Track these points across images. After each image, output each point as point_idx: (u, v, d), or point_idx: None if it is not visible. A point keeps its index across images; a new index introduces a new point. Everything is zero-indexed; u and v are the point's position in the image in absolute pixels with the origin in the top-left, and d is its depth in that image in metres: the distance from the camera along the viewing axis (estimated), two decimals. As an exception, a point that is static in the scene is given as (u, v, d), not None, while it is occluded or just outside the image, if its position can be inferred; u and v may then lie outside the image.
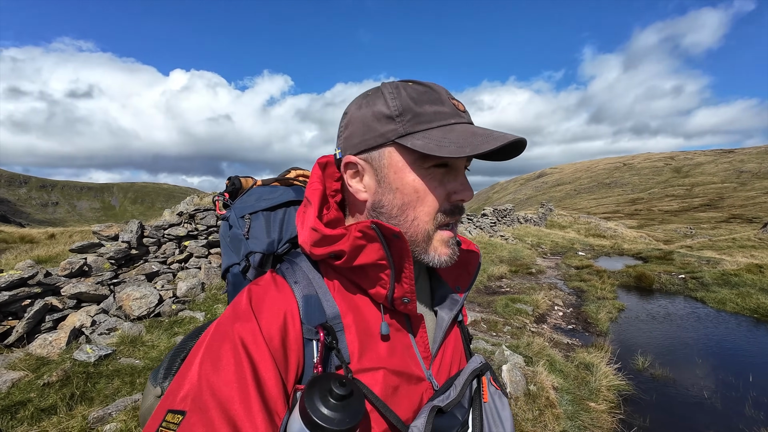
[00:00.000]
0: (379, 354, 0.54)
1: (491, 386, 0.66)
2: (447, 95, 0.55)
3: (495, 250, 10.88)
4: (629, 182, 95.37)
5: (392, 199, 0.55)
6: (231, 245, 0.68)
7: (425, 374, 0.59)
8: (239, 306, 0.51)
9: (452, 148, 0.49)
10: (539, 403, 2.93)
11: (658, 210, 59.48)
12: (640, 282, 8.17)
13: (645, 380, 3.94)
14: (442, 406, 0.56)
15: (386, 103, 0.53)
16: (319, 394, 0.43)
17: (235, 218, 0.68)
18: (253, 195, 0.72)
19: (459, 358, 0.67)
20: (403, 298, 0.56)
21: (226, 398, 0.43)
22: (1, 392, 2.71)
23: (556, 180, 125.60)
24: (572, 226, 23.67)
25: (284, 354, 0.49)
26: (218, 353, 0.46)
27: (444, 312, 0.65)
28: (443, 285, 0.68)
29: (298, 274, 0.57)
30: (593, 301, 6.59)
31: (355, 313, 0.56)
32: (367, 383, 0.52)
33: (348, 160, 0.56)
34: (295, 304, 0.53)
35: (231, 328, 0.48)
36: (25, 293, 3.57)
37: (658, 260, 10.97)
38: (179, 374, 0.47)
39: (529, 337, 4.41)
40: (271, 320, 0.49)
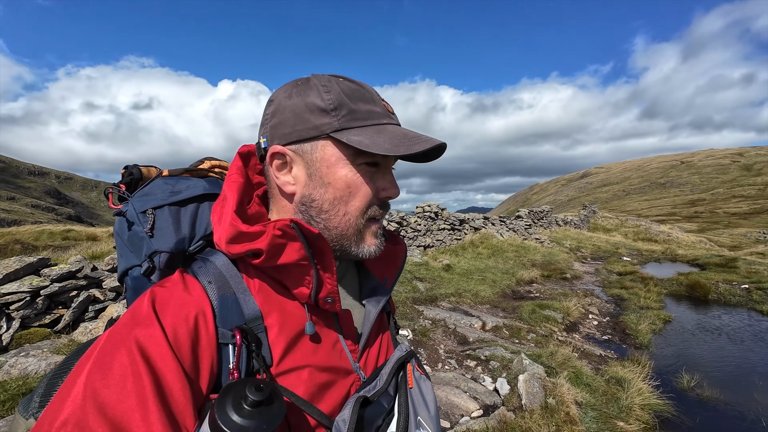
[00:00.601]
0: (304, 352, 0.54)
1: (416, 371, 0.66)
2: (378, 96, 0.57)
3: (527, 254, 10.37)
4: (688, 182, 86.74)
5: (323, 194, 0.54)
6: (129, 244, 0.60)
7: (353, 367, 0.59)
8: (140, 310, 0.46)
9: (387, 146, 0.50)
10: (557, 418, 2.72)
11: (723, 212, 53.48)
12: (693, 291, 7.37)
13: (689, 401, 3.52)
14: (369, 395, 0.56)
15: (320, 96, 0.52)
16: (233, 401, 0.40)
17: (134, 213, 0.60)
18: (157, 187, 0.64)
19: (387, 348, 0.68)
20: (326, 298, 0.55)
21: (120, 417, 0.38)
22: (46, 373, 3.01)
23: (601, 180, 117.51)
24: (618, 230, 21.96)
25: (194, 361, 0.45)
26: (110, 365, 0.41)
27: (371, 305, 0.65)
28: (371, 278, 0.68)
29: (213, 273, 0.53)
30: (634, 311, 6.04)
31: (279, 313, 0.54)
32: (290, 384, 0.51)
33: (275, 150, 0.54)
34: (208, 306, 0.49)
35: (128, 335, 0.43)
36: (72, 285, 3.95)
37: (717, 267, 9.85)
38: (58, 395, 0.40)
39: (555, 346, 4.12)
40: (178, 324, 0.45)
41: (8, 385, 2.84)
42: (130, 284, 0.61)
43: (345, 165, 0.53)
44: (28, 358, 3.07)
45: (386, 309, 0.72)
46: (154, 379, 0.41)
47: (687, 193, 77.06)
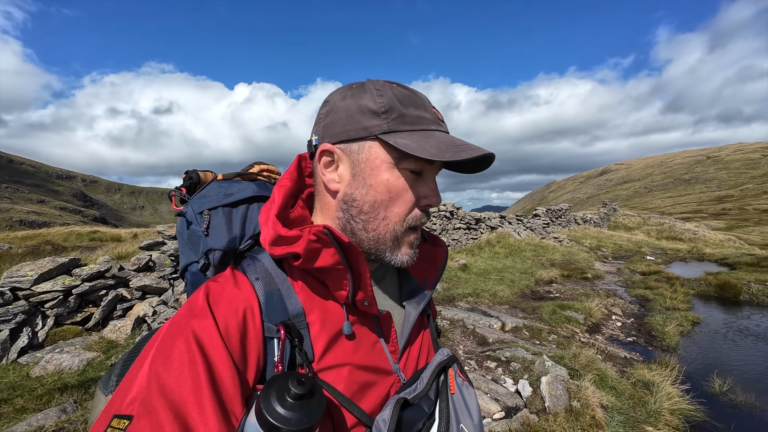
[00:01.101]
0: (344, 350, 0.55)
1: (458, 377, 0.65)
2: (429, 103, 0.57)
3: (545, 253, 10.15)
4: (714, 177, 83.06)
5: (364, 195, 0.55)
6: (189, 243, 0.65)
7: (393, 368, 0.59)
8: (195, 303, 0.49)
9: (433, 151, 0.51)
10: (582, 421, 2.65)
11: (753, 209, 50.96)
12: (722, 292, 7.05)
13: (722, 406, 3.37)
14: (409, 398, 0.56)
15: (373, 99, 0.54)
16: (276, 393, 0.42)
17: (192, 214, 0.65)
18: (212, 190, 0.69)
19: (427, 351, 0.68)
20: (363, 301, 0.56)
21: (178, 399, 0.41)
22: (79, 369, 3.14)
23: (622, 177, 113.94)
24: (641, 228, 21.25)
25: (243, 352, 0.48)
26: (170, 352, 0.44)
27: (411, 306, 0.66)
28: (411, 280, 0.68)
29: (260, 270, 0.56)
30: (660, 312, 5.83)
31: (320, 311, 0.55)
32: (331, 380, 0.52)
33: (325, 147, 0.56)
34: (255, 301, 0.52)
35: (186, 325, 0.47)
36: (101, 284, 4.12)
37: (749, 267, 9.40)
38: (127, 377, 0.45)
39: (578, 347, 4.02)
40: (229, 317, 0.48)
41: (45, 380, 2.98)
42: (189, 279, 0.66)
43: (388, 168, 0.54)
44: (63, 354, 3.22)
45: (426, 311, 0.72)
46: (208, 367, 0.44)
47: (714, 189, 73.82)
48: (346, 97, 0.56)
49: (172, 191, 0.71)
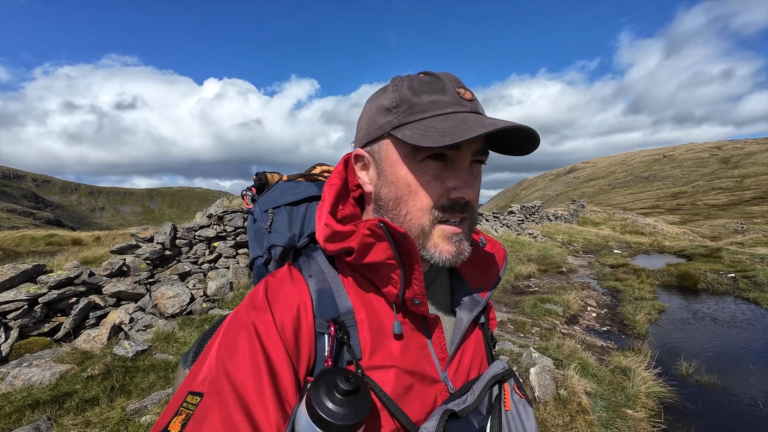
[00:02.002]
0: (391, 352, 0.54)
1: (515, 394, 0.62)
2: (453, 84, 0.52)
3: (523, 249, 10.53)
4: (670, 175, 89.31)
5: (388, 192, 0.55)
6: (256, 238, 0.70)
7: (440, 376, 0.57)
8: (256, 296, 0.53)
9: (435, 137, 0.47)
10: (570, 408, 2.78)
11: (703, 204, 55.28)
12: (683, 281, 7.61)
13: (689, 387, 3.65)
14: (457, 410, 0.54)
15: (387, 96, 0.54)
16: (326, 388, 0.44)
17: (259, 212, 0.71)
18: (277, 190, 0.73)
19: (479, 362, 0.64)
20: (414, 299, 0.55)
21: (240, 383, 0.44)
22: (51, 383, 2.92)
23: (588, 175, 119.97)
24: (606, 223, 22.49)
25: (296, 345, 0.49)
26: (235, 340, 0.48)
27: (463, 313, 0.63)
28: (464, 285, 0.66)
29: (314, 268, 0.58)
30: (630, 302, 6.21)
31: (369, 310, 0.55)
32: (378, 381, 0.51)
33: (356, 152, 0.59)
34: (308, 298, 0.53)
35: (247, 317, 0.50)
36: (71, 292, 3.85)
37: (704, 258, 10.19)
38: (200, 358, 0.49)
39: (560, 339, 4.21)
40: (284, 312, 0.50)
41: (13, 396, 2.75)
42: (255, 272, 0.70)
43: (406, 162, 0.52)
44: (32, 368, 2.98)
45: (481, 320, 0.68)
46: (266, 357, 0.46)
47: (669, 186, 79.40)
48: (371, 100, 0.57)
49: (244, 191, 0.78)
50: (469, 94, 0.53)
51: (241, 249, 5.76)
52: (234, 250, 5.63)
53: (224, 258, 5.54)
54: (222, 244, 5.57)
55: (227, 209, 6.01)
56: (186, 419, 0.43)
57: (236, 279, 5.18)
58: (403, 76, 0.55)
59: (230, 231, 5.76)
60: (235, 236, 5.78)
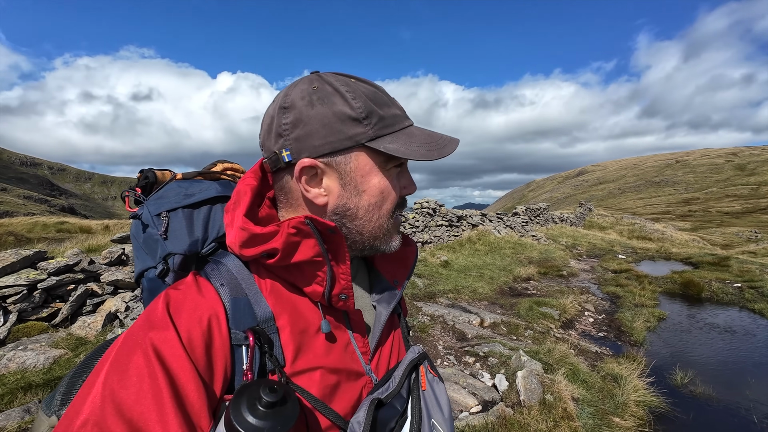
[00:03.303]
0: (316, 353, 0.54)
1: (429, 374, 0.66)
2: (389, 95, 0.58)
3: (524, 251, 10.43)
4: (682, 181, 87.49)
5: (358, 202, 0.55)
6: (145, 246, 0.61)
7: (364, 369, 0.59)
8: (154, 313, 0.47)
9: (423, 152, 0.53)
10: (555, 414, 2.76)
11: (716, 211, 54.07)
12: (686, 289, 7.46)
13: (683, 397, 3.59)
14: (382, 398, 0.56)
15: (347, 103, 0.51)
16: (247, 402, 0.41)
17: (149, 216, 0.61)
18: (171, 190, 0.65)
19: (398, 350, 0.68)
20: (340, 294, 0.55)
21: (137, 417, 0.39)
22: (45, 367, 3.00)
23: (597, 178, 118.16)
24: (613, 227, 22.15)
25: (208, 363, 0.46)
26: (127, 367, 0.42)
27: (382, 306, 0.65)
28: (382, 279, 0.68)
29: (225, 275, 0.53)
30: (629, 308, 6.12)
31: (291, 314, 0.54)
32: (303, 384, 0.51)
33: (305, 164, 0.52)
34: (221, 308, 0.50)
35: (144, 337, 0.44)
36: (70, 279, 3.92)
37: (710, 266, 9.97)
38: (78, 396, 0.42)
39: (552, 343, 4.17)
40: (192, 326, 0.46)
41: (6, 379, 2.82)
42: (146, 285, 0.62)
43: (378, 172, 0.55)
44: (26, 351, 3.06)
45: (397, 311, 0.72)
46: (170, 380, 0.42)
47: (681, 192, 77.76)
48: (313, 103, 0.51)
49: (125, 191, 0.66)
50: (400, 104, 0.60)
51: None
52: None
53: (222, 250, 5.59)
54: (221, 237, 5.63)
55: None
56: None
57: (233, 272, 5.23)
58: (339, 77, 0.54)
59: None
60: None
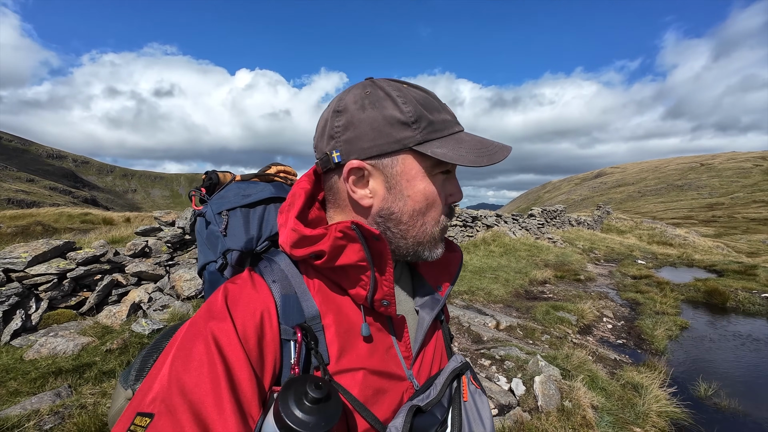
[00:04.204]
0: (359, 354, 0.54)
1: (471, 385, 0.66)
2: (443, 102, 0.58)
3: (540, 253, 10.25)
4: (707, 185, 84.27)
5: (403, 206, 0.55)
6: (207, 242, 0.67)
7: (406, 374, 0.59)
8: (214, 304, 0.50)
9: (472, 158, 0.52)
10: (574, 421, 2.71)
11: (741, 217, 51.91)
12: (710, 298, 7.20)
13: (707, 410, 3.47)
14: (422, 405, 0.56)
15: (397, 107, 0.52)
16: (294, 397, 0.42)
17: (212, 214, 0.67)
18: (231, 191, 0.70)
19: (440, 357, 0.67)
20: (382, 300, 0.56)
21: (197, 400, 0.42)
22: (74, 354, 3.12)
23: (616, 180, 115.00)
24: (632, 232, 21.53)
25: (260, 354, 0.48)
26: (190, 353, 0.45)
27: (425, 312, 0.65)
28: (425, 285, 0.68)
29: (277, 272, 0.56)
30: (650, 316, 5.94)
31: (336, 314, 0.55)
32: (346, 384, 0.52)
33: (353, 165, 0.53)
34: (272, 304, 0.52)
35: (205, 327, 0.47)
36: (96, 269, 4.07)
37: (736, 274, 9.59)
38: (150, 375, 0.46)
39: (570, 348, 4.09)
40: (247, 320, 0.49)
41: (39, 363, 2.95)
42: (207, 278, 0.67)
43: (424, 177, 0.55)
44: (57, 338, 3.18)
45: (440, 317, 0.71)
46: (226, 368, 0.44)
47: (705, 197, 74.93)
48: (365, 107, 0.53)
49: (192, 191, 0.74)
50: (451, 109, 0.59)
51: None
52: (250, 238, 5.78)
53: (240, 245, 5.69)
54: (239, 232, 5.73)
55: (246, 198, 6.16)
56: None
57: (250, 266, 5.32)
58: (392, 83, 0.55)
59: (247, 219, 5.91)
60: (252, 225, 5.93)
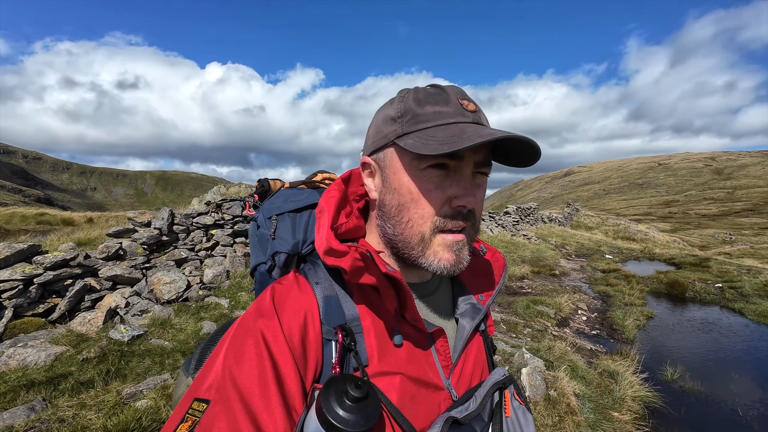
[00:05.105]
0: (398, 359, 0.54)
1: (515, 401, 0.63)
2: (457, 96, 0.54)
3: (517, 250, 10.63)
4: (664, 183, 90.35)
5: (391, 199, 0.55)
6: (259, 245, 0.72)
7: (444, 383, 0.58)
8: (263, 303, 0.53)
9: (434, 145, 0.48)
10: (559, 409, 2.86)
11: (694, 213, 56.13)
12: (671, 289, 7.77)
13: (674, 392, 3.76)
14: (459, 417, 0.55)
15: (394, 106, 0.55)
16: (336, 395, 0.44)
17: (262, 219, 0.72)
18: (280, 197, 0.75)
19: (481, 368, 0.66)
20: (411, 318, 0.56)
21: (247, 391, 0.44)
22: (46, 364, 2.92)
23: (584, 179, 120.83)
24: (599, 228, 22.75)
25: (304, 352, 0.50)
26: (242, 348, 0.48)
27: (465, 321, 0.64)
28: (465, 293, 0.67)
29: (320, 275, 0.58)
30: (620, 307, 6.34)
31: (374, 317, 0.56)
32: (383, 387, 0.52)
33: (363, 160, 0.60)
34: (315, 305, 0.54)
35: (254, 324, 0.50)
36: (67, 273, 3.82)
37: (692, 267, 10.39)
38: (206, 365, 0.49)
39: (551, 340, 4.30)
40: (292, 319, 0.51)
41: (7, 376, 2.74)
42: (258, 278, 0.71)
43: (408, 171, 0.53)
44: (26, 348, 2.97)
45: (481, 328, 0.69)
46: (273, 363, 0.47)
47: (663, 194, 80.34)
48: (380, 111, 0.58)
49: (246, 197, 0.77)
50: (472, 105, 0.54)
51: (238, 238, 5.74)
52: (231, 238, 5.62)
53: (221, 246, 5.52)
54: (219, 232, 5.55)
55: (225, 197, 5.98)
56: (192, 426, 0.43)
57: (233, 268, 5.17)
58: (411, 88, 0.57)
59: (228, 219, 5.73)
60: (233, 224, 5.76)
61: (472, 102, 0.54)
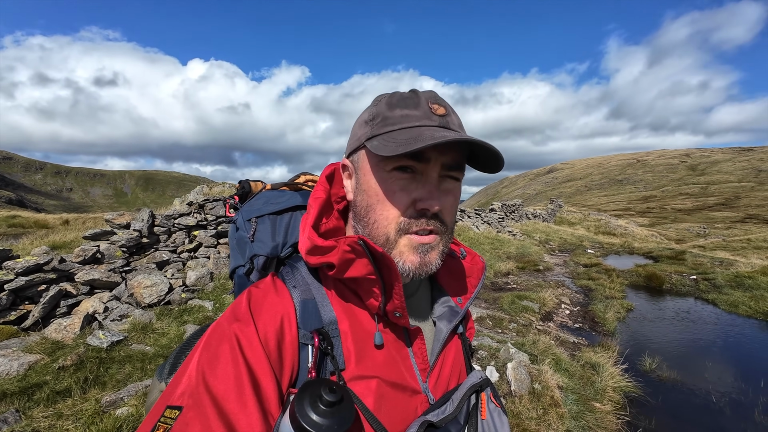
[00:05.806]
0: (375, 362, 0.54)
1: (491, 403, 0.64)
2: (428, 100, 0.54)
3: (502, 246, 10.80)
4: (642, 179, 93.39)
5: (361, 200, 0.57)
6: (238, 247, 0.70)
7: (421, 387, 0.58)
8: (239, 307, 0.52)
9: (392, 147, 0.49)
10: (543, 401, 2.93)
11: (670, 208, 58.27)
12: (650, 282, 8.05)
13: (652, 382, 3.90)
14: (435, 421, 0.54)
15: (369, 111, 0.57)
16: (310, 399, 0.44)
17: (242, 221, 0.71)
18: (261, 199, 0.74)
19: (458, 371, 0.65)
20: (395, 312, 0.55)
21: (222, 396, 0.44)
22: (19, 374, 2.80)
23: (566, 176, 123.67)
24: (582, 223, 23.36)
25: (280, 357, 0.49)
26: (216, 352, 0.47)
27: (443, 323, 0.64)
28: (444, 296, 0.67)
29: (298, 278, 0.58)
30: (601, 300, 6.52)
31: (352, 321, 0.56)
32: (359, 391, 0.52)
33: (343, 162, 0.61)
34: (292, 309, 0.53)
35: (229, 328, 0.49)
36: (40, 279, 3.66)
37: (669, 260, 10.79)
38: (179, 371, 0.49)
39: (535, 335, 4.39)
40: (268, 323, 0.50)
41: (-23, 387, 2.61)
42: (237, 281, 0.70)
43: (375, 172, 0.54)
44: (-3, 358, 2.84)
45: (459, 330, 0.69)
46: (248, 368, 0.46)
47: (641, 190, 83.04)
48: (360, 115, 0.60)
49: (227, 199, 0.78)
50: (441, 109, 0.54)
51: (222, 239, 5.63)
52: (215, 239, 5.50)
53: (205, 247, 5.40)
54: (203, 233, 5.43)
55: (208, 197, 5.85)
56: None
57: (216, 269, 5.07)
58: (388, 93, 0.58)
59: (211, 220, 5.61)
60: (216, 225, 5.65)
61: (443, 106, 0.55)
